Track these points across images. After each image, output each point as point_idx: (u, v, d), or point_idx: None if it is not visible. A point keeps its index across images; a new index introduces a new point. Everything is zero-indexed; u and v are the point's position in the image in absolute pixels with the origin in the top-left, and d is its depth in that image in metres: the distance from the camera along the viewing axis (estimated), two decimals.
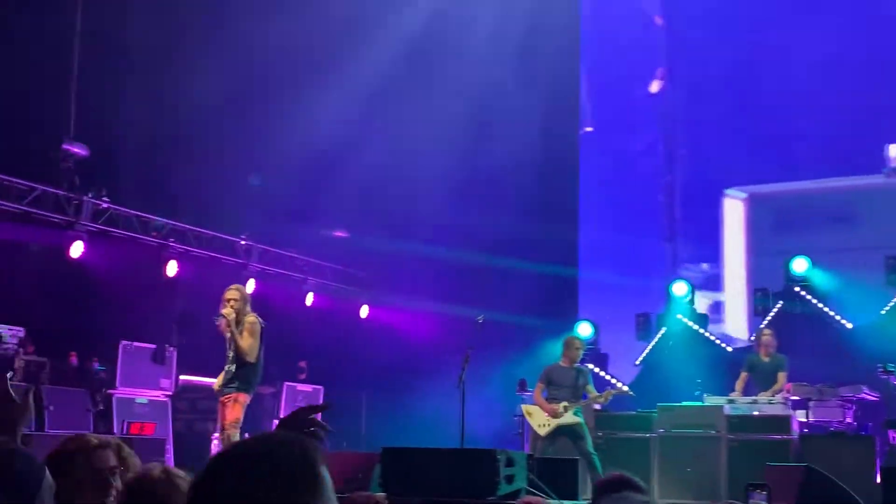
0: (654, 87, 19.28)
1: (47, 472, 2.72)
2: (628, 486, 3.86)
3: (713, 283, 17.96)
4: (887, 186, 16.86)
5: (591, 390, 11.68)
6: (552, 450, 11.37)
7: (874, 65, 16.82)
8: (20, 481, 2.60)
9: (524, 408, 12.01)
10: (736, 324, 16.67)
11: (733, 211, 18.16)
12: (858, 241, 16.59)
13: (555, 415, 11.37)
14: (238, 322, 9.92)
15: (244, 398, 9.89)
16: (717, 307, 17.97)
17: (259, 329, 10.02)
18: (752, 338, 13.27)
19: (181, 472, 3.30)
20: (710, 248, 18.48)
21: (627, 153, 19.51)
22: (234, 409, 9.81)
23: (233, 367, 9.95)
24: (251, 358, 9.92)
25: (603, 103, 19.67)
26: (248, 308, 10.08)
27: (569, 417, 11.36)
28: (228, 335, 9.96)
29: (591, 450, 11.30)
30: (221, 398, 9.98)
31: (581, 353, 11.80)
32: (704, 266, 18.66)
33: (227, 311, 9.90)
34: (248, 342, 9.90)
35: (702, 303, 16.55)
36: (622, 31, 19.18)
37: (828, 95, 17.11)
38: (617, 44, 18.81)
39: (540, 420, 11.48)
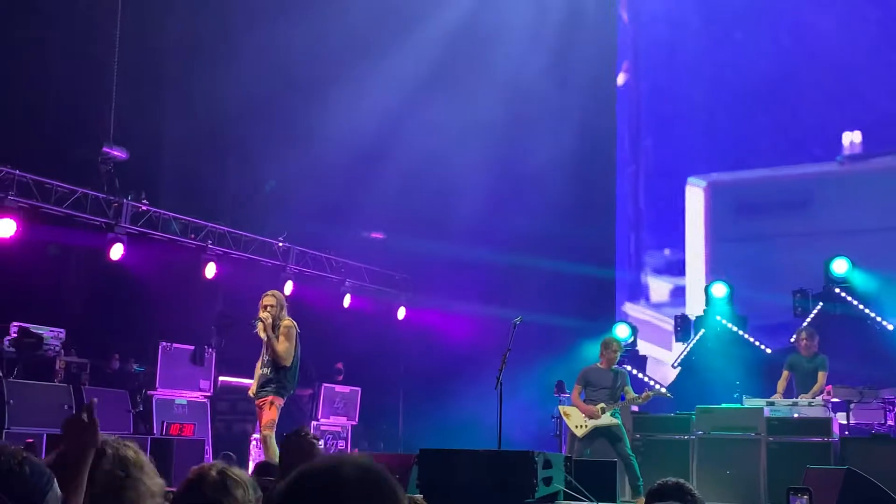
0: (620, 79, 19.50)
1: (55, 483, 2.73)
2: (675, 495, 3.83)
3: (675, 268, 18.21)
4: (841, 173, 17.31)
5: (629, 392, 11.63)
6: (590, 451, 11.34)
7: (829, 56, 17.17)
8: (27, 490, 2.62)
9: (561, 409, 11.98)
10: (696, 308, 16.94)
11: (695, 198, 18.48)
12: (813, 227, 17.08)
13: (592, 416, 11.33)
14: (274, 327, 10.00)
15: (279, 401, 9.98)
16: (679, 291, 18.35)
17: (295, 333, 10.10)
18: (792, 339, 13.15)
19: (238, 474, 3.27)
20: (674, 235, 18.84)
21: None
22: (270, 412, 9.89)
23: (268, 371, 10.03)
24: (287, 362, 9.99)
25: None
26: (285, 313, 10.17)
27: (606, 419, 11.31)
28: (265, 339, 10.04)
29: (630, 452, 11.25)
30: (257, 401, 10.06)
31: (619, 354, 11.75)
32: (666, 252, 19.00)
33: (264, 315, 9.98)
34: (284, 346, 9.97)
35: (664, 287, 16.75)
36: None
37: (785, 86, 17.67)
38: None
39: (577, 421, 11.44)
